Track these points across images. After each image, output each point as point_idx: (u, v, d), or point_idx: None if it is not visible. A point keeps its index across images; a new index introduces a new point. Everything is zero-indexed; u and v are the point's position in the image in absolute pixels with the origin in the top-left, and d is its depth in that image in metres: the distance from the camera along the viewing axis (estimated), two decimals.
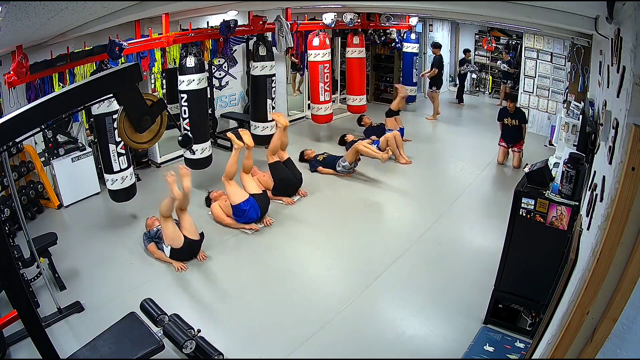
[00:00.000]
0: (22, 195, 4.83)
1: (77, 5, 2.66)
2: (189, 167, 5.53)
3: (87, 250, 4.43)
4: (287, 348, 3.21)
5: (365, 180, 6.02)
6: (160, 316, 3.08)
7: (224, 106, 7.65)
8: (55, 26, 3.45)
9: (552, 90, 7.69)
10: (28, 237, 3.45)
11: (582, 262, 1.81)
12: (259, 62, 5.95)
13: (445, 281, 3.94)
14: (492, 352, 3.10)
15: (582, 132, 3.04)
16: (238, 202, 4.68)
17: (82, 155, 5.39)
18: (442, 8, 5.79)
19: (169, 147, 6.46)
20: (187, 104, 5.23)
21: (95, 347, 2.75)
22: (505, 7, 3.43)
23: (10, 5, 2.07)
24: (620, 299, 1.45)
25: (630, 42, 1.43)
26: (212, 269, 4.16)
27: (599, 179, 1.77)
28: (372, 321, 3.51)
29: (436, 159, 6.84)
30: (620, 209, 1.40)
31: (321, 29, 7.09)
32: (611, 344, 1.52)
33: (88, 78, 2.68)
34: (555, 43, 7.43)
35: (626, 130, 1.40)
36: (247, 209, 4.69)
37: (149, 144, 2.47)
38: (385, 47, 9.67)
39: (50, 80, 4.46)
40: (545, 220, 2.93)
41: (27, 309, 2.06)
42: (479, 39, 10.61)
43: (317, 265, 4.28)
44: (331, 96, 7.38)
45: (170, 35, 5.05)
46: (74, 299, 3.66)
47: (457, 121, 8.82)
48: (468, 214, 5.25)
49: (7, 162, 3.52)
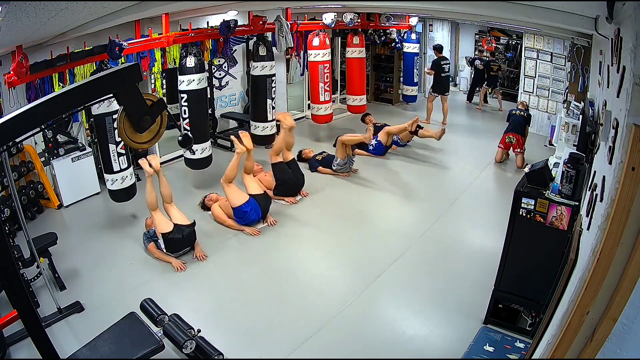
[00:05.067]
0: (22, 195, 4.83)
1: (77, 5, 2.66)
2: (190, 167, 5.58)
3: (87, 250, 4.43)
4: (287, 348, 3.21)
5: (365, 180, 6.02)
6: (160, 316, 3.08)
7: (224, 106, 7.65)
8: (55, 26, 3.45)
9: (552, 90, 7.70)
10: (28, 237, 3.45)
11: (582, 262, 1.81)
12: (259, 62, 5.95)
13: (445, 281, 3.94)
14: (492, 352, 3.10)
15: (582, 132, 3.05)
16: (239, 204, 4.66)
17: (82, 155, 5.39)
18: (442, 8, 5.79)
19: (169, 147, 6.46)
20: (187, 104, 5.24)
21: (95, 347, 2.75)
22: (505, 7, 3.43)
23: (10, 5, 2.07)
24: (620, 299, 1.46)
25: (630, 42, 1.43)
26: (213, 269, 4.16)
27: (599, 179, 1.77)
28: (372, 321, 3.51)
29: (436, 158, 6.84)
30: (620, 209, 1.40)
31: (321, 29, 7.09)
32: (611, 344, 1.52)
33: (88, 78, 2.68)
34: (555, 43, 7.44)
35: (626, 130, 1.40)
36: (248, 211, 4.67)
37: (149, 144, 2.47)
38: (385, 47, 9.66)
39: (50, 80, 4.46)
40: (545, 220, 2.93)
41: (27, 309, 2.06)
42: (479, 39, 10.61)
43: (317, 265, 4.29)
44: (331, 96, 7.38)
45: (170, 35, 5.05)
46: (74, 299, 3.66)
47: (457, 121, 8.81)
48: (468, 214, 5.25)
49: (7, 162, 3.52)
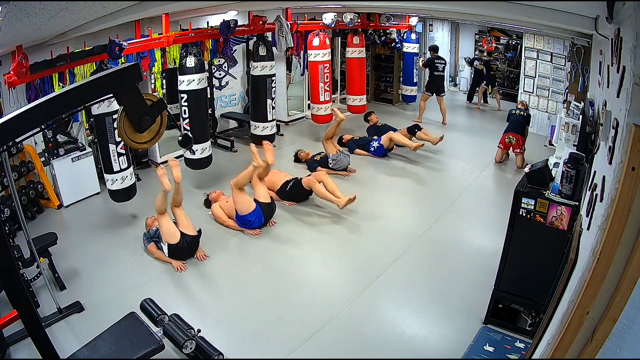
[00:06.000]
0: (22, 195, 4.83)
1: (77, 5, 2.66)
2: (189, 167, 5.57)
3: (87, 250, 4.43)
4: (287, 348, 3.21)
5: (365, 180, 6.01)
6: (160, 316, 3.08)
7: (224, 106, 7.66)
8: (55, 26, 3.45)
9: (552, 90, 7.70)
10: (28, 237, 3.44)
11: (582, 262, 1.81)
12: (259, 62, 5.96)
13: (445, 281, 3.94)
14: (492, 352, 3.10)
15: (582, 132, 3.05)
16: (245, 212, 4.60)
17: (82, 155, 5.38)
18: (442, 8, 5.80)
19: (169, 147, 6.45)
20: (187, 104, 5.24)
21: (95, 347, 2.75)
22: (505, 7, 3.43)
23: (10, 5, 2.07)
24: (620, 299, 1.46)
25: (630, 42, 1.43)
26: (212, 269, 4.16)
27: (599, 179, 1.77)
28: (372, 321, 3.51)
29: (436, 159, 6.83)
30: (620, 209, 1.40)
31: (321, 29, 7.09)
32: (611, 344, 1.52)
33: (88, 78, 2.68)
34: (555, 43, 7.44)
35: (626, 130, 1.40)
36: (253, 220, 4.64)
37: (149, 144, 2.46)
38: (385, 47, 9.66)
39: (50, 80, 4.46)
40: (545, 220, 2.93)
41: (27, 309, 2.06)
42: (479, 39, 10.61)
43: (317, 265, 4.29)
44: (331, 96, 7.38)
45: (170, 35, 5.05)
46: (74, 299, 3.66)
47: (457, 121, 8.81)
48: (468, 214, 5.25)
49: (7, 162, 3.52)
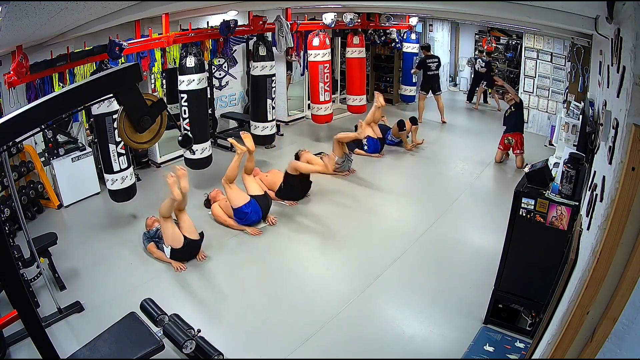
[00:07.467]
0: (22, 195, 4.83)
1: (77, 5, 2.66)
2: (189, 167, 5.57)
3: (87, 250, 4.43)
4: (287, 348, 3.21)
5: (364, 180, 6.01)
6: (160, 316, 3.08)
7: (224, 106, 7.66)
8: (55, 26, 3.45)
9: (552, 90, 7.69)
10: (28, 237, 3.44)
11: (582, 262, 1.81)
12: (259, 62, 5.95)
13: (445, 281, 3.94)
14: (492, 352, 3.10)
15: (582, 132, 3.05)
16: (239, 205, 4.65)
17: (82, 155, 5.38)
18: (442, 8, 5.80)
19: (169, 147, 6.46)
20: (187, 104, 5.24)
21: (95, 347, 2.75)
22: (505, 7, 3.44)
23: (10, 5, 2.07)
24: (620, 299, 1.45)
25: (630, 42, 1.43)
26: (212, 269, 4.16)
27: (599, 179, 1.77)
28: (372, 321, 3.51)
29: (436, 159, 6.84)
30: (620, 209, 1.40)
31: (321, 29, 7.08)
32: (611, 344, 1.52)
33: (88, 78, 2.68)
34: (555, 43, 7.43)
35: (626, 130, 1.40)
36: (249, 212, 4.67)
37: (149, 144, 2.47)
38: (385, 47, 9.66)
39: (50, 80, 4.46)
40: (545, 220, 2.93)
41: (27, 309, 2.06)
42: (479, 39, 10.61)
43: (317, 265, 4.29)
44: (331, 96, 7.38)
45: (170, 35, 5.05)
46: (74, 299, 3.66)
47: (457, 121, 8.81)
48: (468, 214, 5.25)
49: (7, 162, 3.52)
